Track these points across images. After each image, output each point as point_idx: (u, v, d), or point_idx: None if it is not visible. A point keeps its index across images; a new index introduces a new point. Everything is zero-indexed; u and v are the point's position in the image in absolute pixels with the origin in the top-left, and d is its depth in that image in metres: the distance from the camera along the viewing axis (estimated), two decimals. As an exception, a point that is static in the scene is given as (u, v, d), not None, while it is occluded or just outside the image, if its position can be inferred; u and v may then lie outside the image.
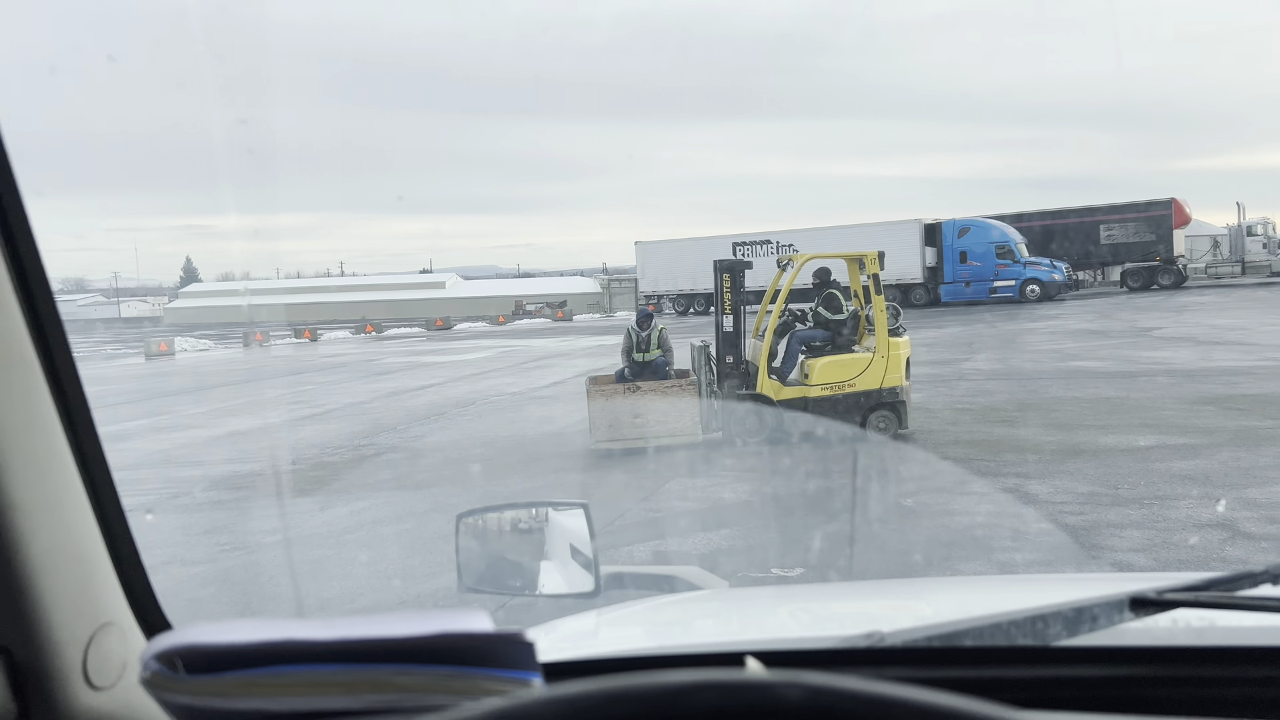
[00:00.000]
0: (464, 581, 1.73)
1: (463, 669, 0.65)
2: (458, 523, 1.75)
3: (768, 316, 11.24)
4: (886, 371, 10.54)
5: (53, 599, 0.87)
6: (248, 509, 9.11)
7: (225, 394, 20.06)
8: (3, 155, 0.85)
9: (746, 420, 10.56)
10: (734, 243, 43.07)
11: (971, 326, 27.09)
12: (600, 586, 1.65)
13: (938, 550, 6.55)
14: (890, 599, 1.65)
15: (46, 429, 0.91)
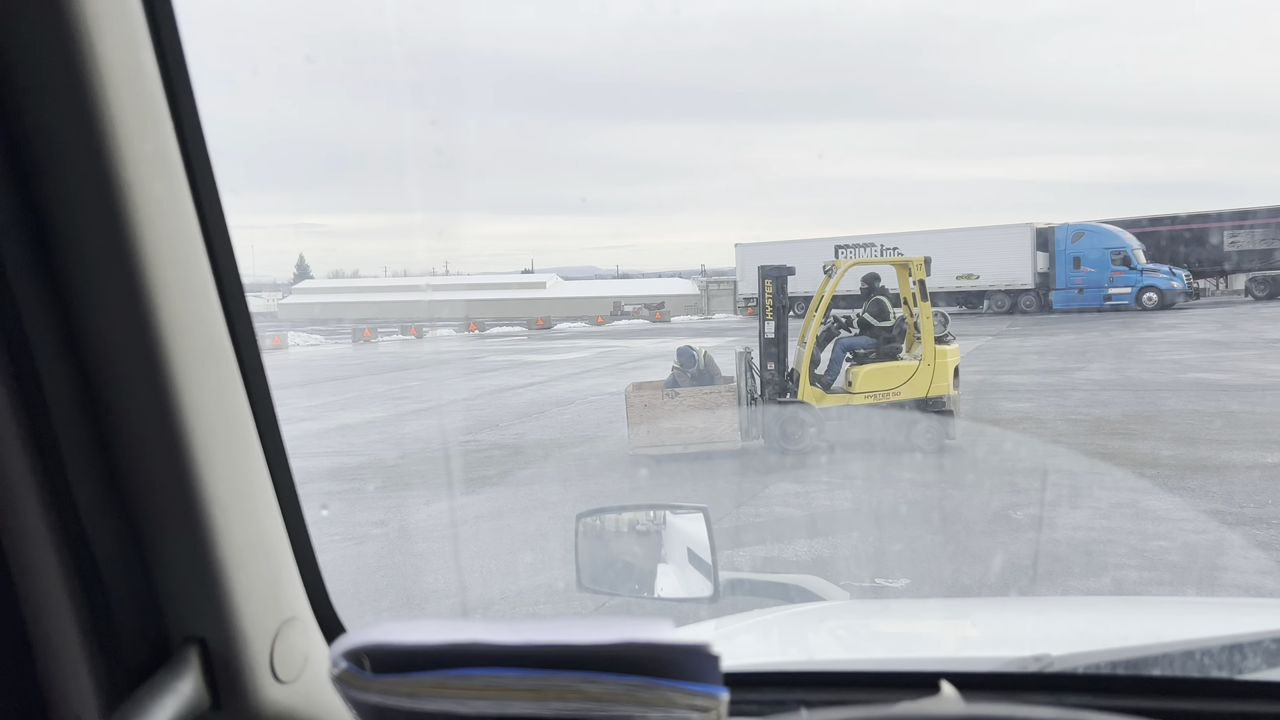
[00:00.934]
0: (582, 581, 1.74)
1: (651, 680, 0.64)
2: (577, 522, 1.76)
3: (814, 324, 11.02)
4: (933, 380, 10.27)
5: (245, 592, 0.90)
6: (357, 501, 9.35)
7: (335, 388, 20.64)
8: (205, 154, 0.87)
9: (787, 428, 10.36)
10: (836, 245, 42.56)
11: (1085, 335, 26.21)
12: (719, 592, 1.63)
13: (1053, 565, 6.35)
14: (1037, 618, 1.58)
15: (243, 427, 0.94)
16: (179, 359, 0.83)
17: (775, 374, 10.54)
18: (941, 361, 10.36)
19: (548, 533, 7.90)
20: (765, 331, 10.63)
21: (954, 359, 10.69)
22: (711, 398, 10.41)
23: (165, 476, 0.85)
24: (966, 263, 38.95)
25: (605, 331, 41.55)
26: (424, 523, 8.39)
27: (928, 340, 10.43)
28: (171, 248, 0.82)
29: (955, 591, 5.94)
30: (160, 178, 0.82)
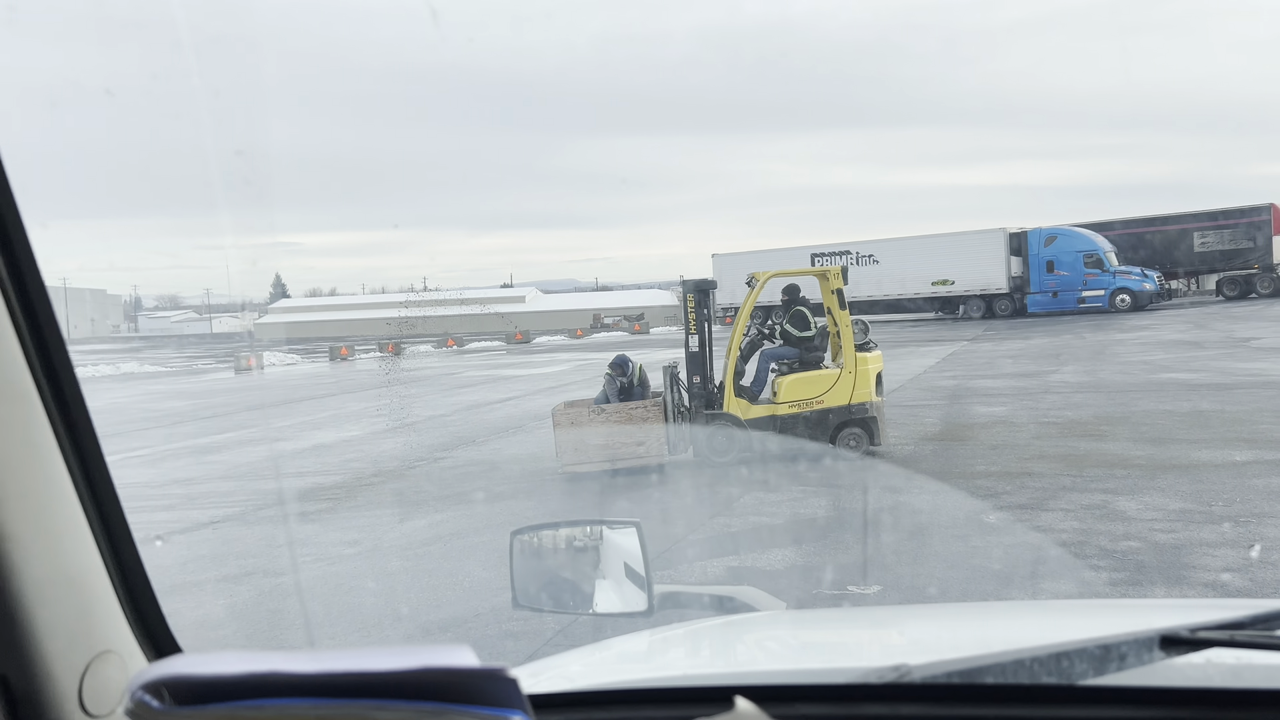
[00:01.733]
0: (518, 599, 1.73)
1: (443, 705, 0.65)
2: (512, 540, 1.75)
3: (744, 336, 11.12)
4: (855, 387, 10.43)
5: (49, 627, 0.88)
6: (329, 521, 9.29)
7: (310, 407, 20.54)
8: (1, 174, 0.86)
9: (714, 440, 10.46)
10: (812, 254, 42.78)
11: (1059, 337, 26.41)
12: (654, 606, 1.63)
13: (1024, 569, 6.38)
14: (928, 625, 1.58)
15: (44, 459, 0.91)
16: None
17: (701, 387, 10.59)
18: (863, 369, 10.50)
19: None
20: (690, 345, 10.68)
21: (876, 366, 10.84)
22: (638, 413, 10.46)
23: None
24: (942, 268, 39.23)
25: (585, 344, 41.52)
26: (398, 541, 8.34)
27: (848, 349, 10.58)
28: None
29: (929, 596, 5.95)
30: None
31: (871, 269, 41.14)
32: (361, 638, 5.89)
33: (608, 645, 1.56)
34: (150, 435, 17.14)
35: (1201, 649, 1.04)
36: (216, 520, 9.66)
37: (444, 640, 0.63)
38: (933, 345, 26.79)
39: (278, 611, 6.73)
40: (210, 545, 8.64)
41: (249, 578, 7.52)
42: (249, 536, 8.90)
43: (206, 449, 14.92)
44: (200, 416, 20.31)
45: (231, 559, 8.11)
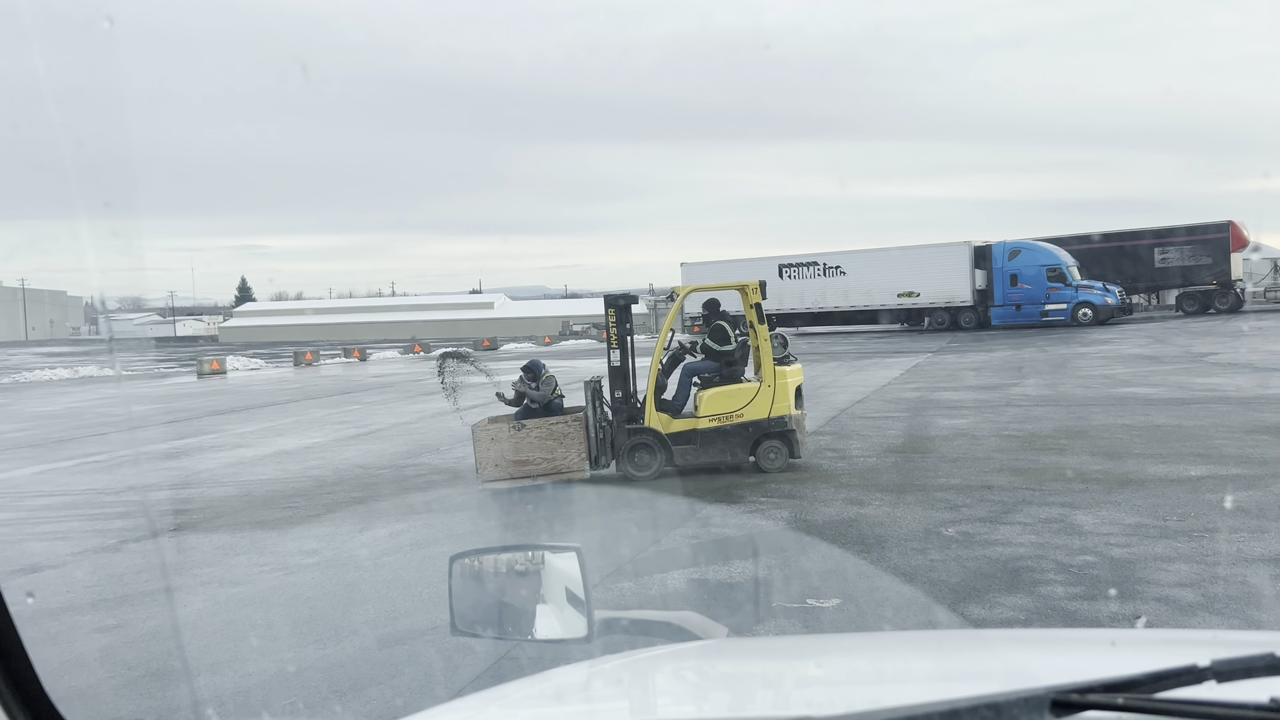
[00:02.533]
0: (456, 625, 1.71)
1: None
2: (451, 565, 1.74)
3: (666, 351, 11.13)
4: (774, 401, 10.52)
5: None
6: (289, 530, 9.19)
7: (273, 413, 20.33)
8: None
9: (636, 455, 10.49)
10: (780, 264, 43.01)
11: (1021, 350, 26.69)
12: (594, 631, 1.62)
13: (981, 582, 6.42)
14: (846, 661, 1.56)
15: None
16: None
17: (623, 401, 10.61)
18: (782, 383, 10.58)
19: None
20: (611, 359, 10.69)
21: (795, 379, 10.93)
22: (559, 428, 10.45)
23: None
24: (907, 280, 39.55)
25: (553, 352, 41.41)
26: (357, 551, 8.27)
27: (766, 363, 10.66)
28: None
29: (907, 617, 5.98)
30: None
31: (838, 280, 41.41)
32: (318, 649, 5.83)
33: (535, 682, 1.54)
34: (107, 441, 16.89)
35: (1089, 710, 1.04)
36: (174, 529, 9.54)
37: None
38: (898, 357, 26.98)
39: (234, 621, 6.65)
40: (165, 554, 8.52)
41: (201, 588, 7.43)
42: (205, 545, 8.78)
43: (166, 454, 14.73)
44: (158, 422, 20.04)
45: (186, 569, 8.01)
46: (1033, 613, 5.79)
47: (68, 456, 14.98)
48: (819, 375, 22.46)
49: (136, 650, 6.05)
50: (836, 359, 27.45)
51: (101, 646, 6.08)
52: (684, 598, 6.48)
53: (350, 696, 5.16)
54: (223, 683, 5.40)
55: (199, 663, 5.78)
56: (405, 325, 72.54)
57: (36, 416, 22.44)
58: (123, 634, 6.33)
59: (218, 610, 6.88)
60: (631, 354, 10.76)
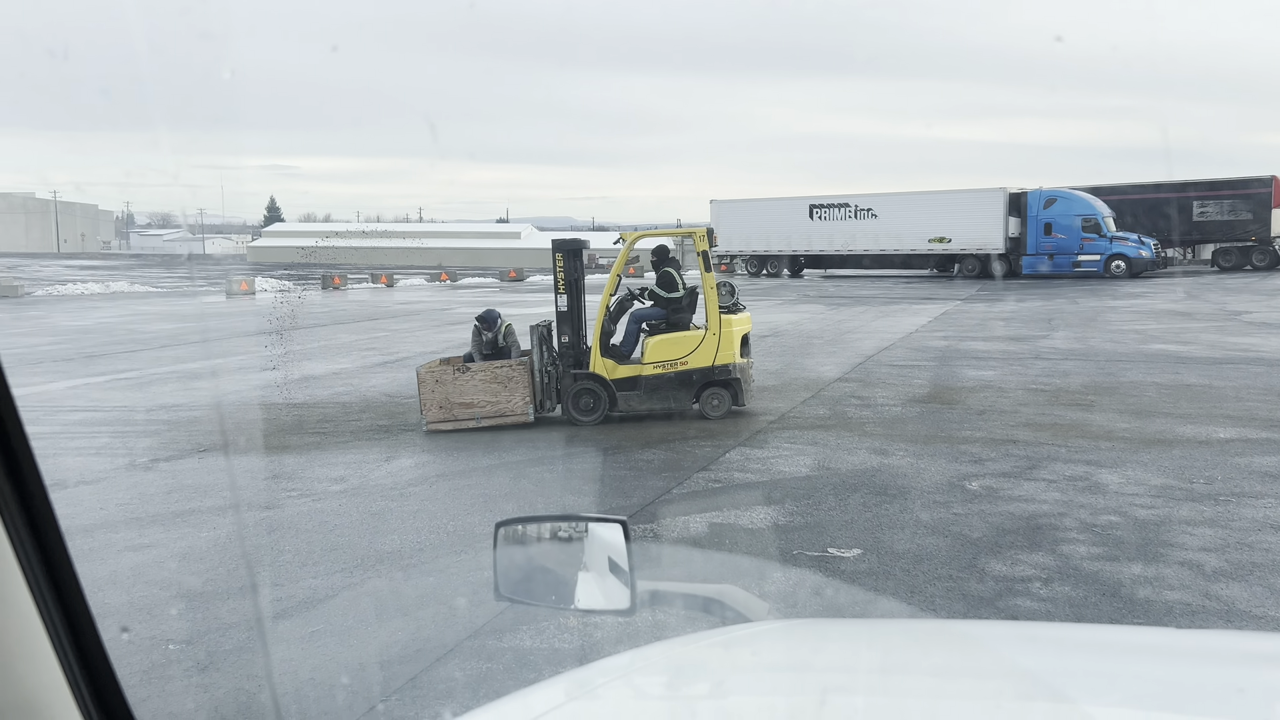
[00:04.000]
0: (500, 590, 1.73)
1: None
2: (496, 530, 1.75)
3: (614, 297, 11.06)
4: (719, 349, 10.52)
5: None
6: (316, 455, 9.31)
7: (301, 336, 20.48)
8: None
9: (580, 400, 10.52)
10: (810, 204, 42.59)
11: (1052, 301, 26.42)
12: (636, 604, 1.62)
13: (1003, 539, 6.43)
14: (896, 656, 1.51)
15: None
16: None
17: (570, 346, 10.64)
18: (727, 330, 10.57)
19: (507, 493, 7.92)
20: (559, 304, 10.72)
21: (742, 328, 10.91)
22: (504, 372, 10.47)
23: None
24: (939, 226, 39.08)
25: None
26: (383, 480, 8.37)
27: (712, 310, 10.63)
28: None
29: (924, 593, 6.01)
30: None
31: (869, 223, 40.97)
32: (344, 577, 5.94)
33: (587, 677, 1.51)
34: (137, 358, 17.09)
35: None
36: (201, 450, 9.68)
37: None
38: (926, 304, 26.78)
39: (261, 546, 6.77)
40: (194, 476, 8.66)
41: (229, 510, 7.55)
42: (233, 467, 8.92)
43: (195, 374, 14.90)
44: (187, 341, 20.24)
45: (214, 491, 8.14)
46: (1054, 572, 5.81)
47: (99, 372, 15.17)
48: (846, 320, 22.35)
49: (166, 570, 6.17)
50: (864, 303, 27.29)
51: (133, 565, 6.21)
52: (706, 545, 6.53)
53: (375, 626, 5.26)
54: (249, 608, 5.52)
55: (227, 586, 5.90)
56: (432, 252, 72.60)
57: (69, 331, 22.72)
58: (153, 554, 6.46)
59: (245, 534, 7.01)
60: (582, 299, 10.80)
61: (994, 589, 5.56)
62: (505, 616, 5.11)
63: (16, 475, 0.77)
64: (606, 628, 4.89)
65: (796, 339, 18.47)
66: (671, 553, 6.45)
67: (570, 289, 10.66)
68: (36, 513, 0.79)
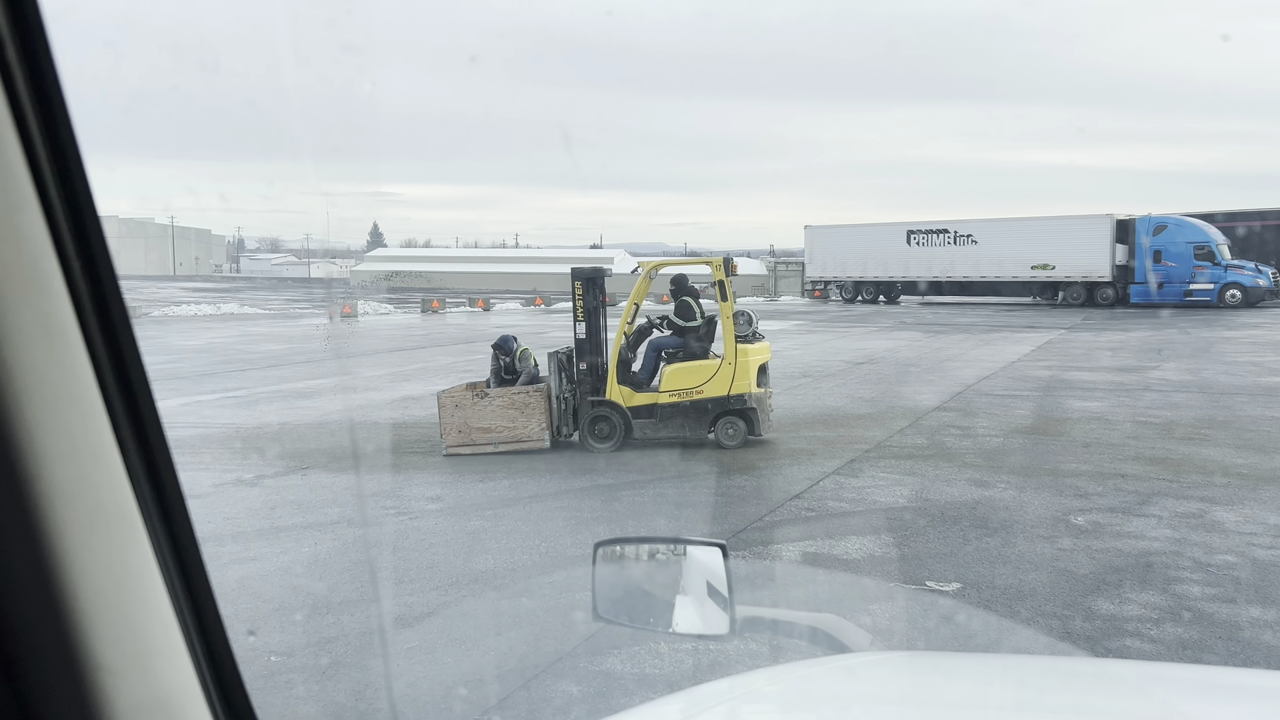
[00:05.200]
0: (598, 610, 1.72)
1: None
2: (595, 551, 1.74)
3: (630, 325, 11.00)
4: (735, 378, 10.41)
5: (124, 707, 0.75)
6: (413, 475, 9.48)
7: (399, 359, 20.94)
8: (65, 114, 0.75)
9: (596, 427, 10.48)
10: (908, 230, 42.00)
11: (1162, 331, 25.49)
12: (735, 629, 1.60)
13: (1111, 576, 6.19)
14: (1031, 693, 1.44)
15: (114, 498, 0.77)
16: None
17: (588, 373, 10.63)
18: (744, 360, 10.47)
19: (597, 516, 7.94)
20: (577, 331, 10.75)
21: (759, 358, 10.76)
22: (521, 398, 10.50)
23: None
24: (1042, 252, 38.13)
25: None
26: (478, 499, 8.47)
27: (729, 340, 10.56)
28: None
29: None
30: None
31: (969, 249, 40.19)
32: (439, 595, 6.01)
33: (695, 701, 1.48)
34: (246, 377, 17.69)
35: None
36: (305, 468, 9.94)
37: None
38: (1028, 332, 26.10)
39: (360, 562, 6.90)
40: (296, 492, 8.89)
41: (331, 527, 7.73)
42: (334, 484, 9.13)
43: (300, 393, 15.34)
44: (293, 361, 20.87)
45: (316, 507, 8.34)
46: (1166, 612, 5.56)
47: (210, 390, 15.73)
48: (945, 347, 21.90)
49: (270, 584, 6.34)
50: (964, 331, 26.72)
51: (238, 577, 6.39)
52: (799, 574, 6.43)
53: (469, 645, 5.31)
54: (348, 623, 5.62)
55: (327, 600, 6.02)
56: (527, 277, 73.61)
57: (183, 350, 23.64)
58: (257, 567, 6.64)
59: (345, 550, 7.16)
60: (602, 327, 10.84)
61: (1101, 628, 5.35)
62: (599, 638, 5.10)
63: (157, 481, 0.81)
64: (698, 652, 4.85)
65: (892, 366, 18.17)
66: (764, 579, 6.37)
67: (589, 317, 10.78)
68: (174, 519, 0.82)
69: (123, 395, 0.80)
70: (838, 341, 23.85)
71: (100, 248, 0.80)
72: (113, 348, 0.80)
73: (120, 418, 0.79)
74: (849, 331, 27.07)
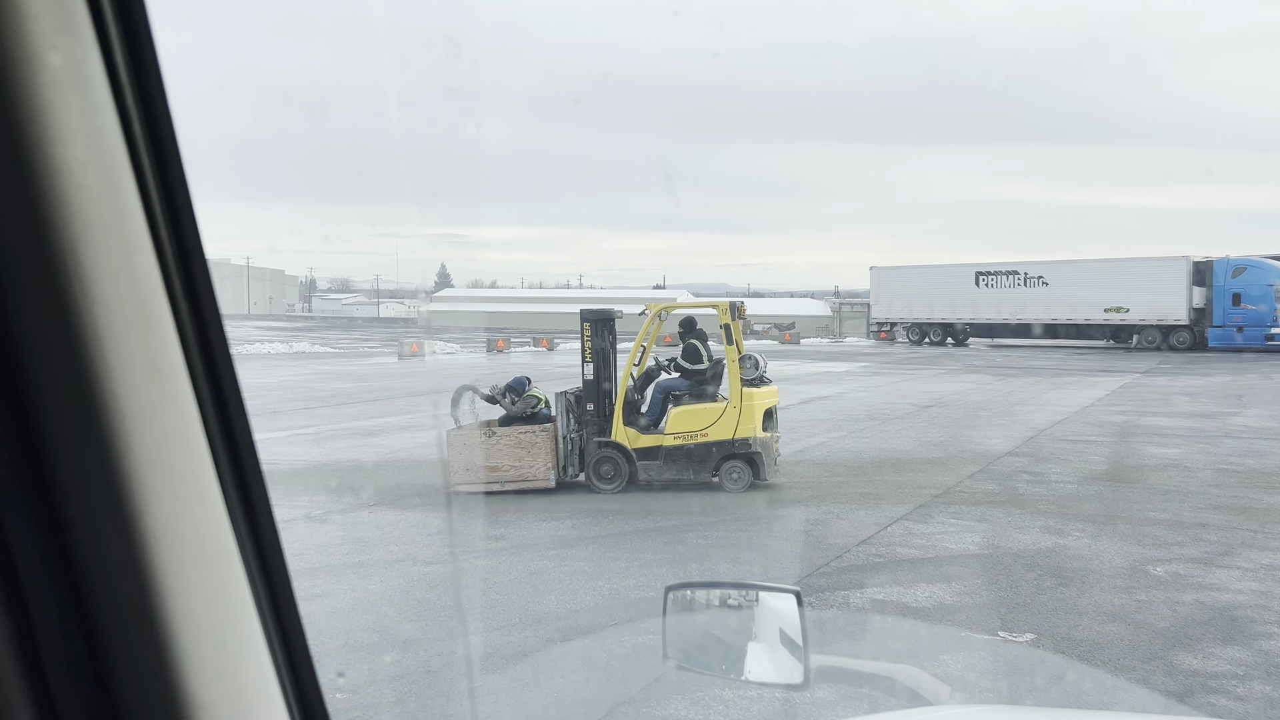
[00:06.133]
0: (668, 655, 1.69)
1: None
2: (666, 595, 1.72)
3: (637, 367, 10.95)
4: (740, 422, 10.31)
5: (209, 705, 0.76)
6: (478, 512, 9.53)
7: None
8: (178, 158, 0.78)
9: (601, 468, 10.43)
10: (977, 272, 41.45)
11: (1243, 376, 24.73)
12: (810, 679, 1.56)
13: (1193, 630, 5.97)
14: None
15: (205, 505, 0.78)
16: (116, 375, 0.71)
17: (595, 414, 10.62)
18: (749, 404, 10.38)
19: (668, 558, 7.88)
20: (585, 372, 10.77)
21: (766, 402, 10.60)
22: (528, 437, 10.46)
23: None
24: (1116, 295, 37.35)
25: (734, 351, 41.31)
26: (541, 538, 8.48)
27: (734, 383, 10.49)
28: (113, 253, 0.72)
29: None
30: (94, 167, 0.72)
31: (1040, 291, 39.54)
32: (502, 635, 6.00)
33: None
34: (315, 415, 18.00)
35: None
36: (371, 504, 10.05)
37: None
38: (1102, 376, 25.51)
39: (425, 600, 6.94)
40: (364, 529, 8.99)
41: (395, 565, 7.79)
42: (400, 521, 9.21)
43: (368, 431, 15.55)
44: (362, 400, 21.20)
45: (383, 544, 8.42)
46: (1252, 668, 5.34)
47: (280, 428, 16.03)
48: (1015, 391, 21.49)
49: (336, 620, 6.39)
50: (1035, 374, 26.21)
51: (305, 613, 6.44)
52: (868, 620, 6.31)
53: (532, 688, 5.28)
54: (411, 660, 5.64)
55: (391, 638, 6.05)
56: (592, 317, 73.96)
57: (255, 388, 24.16)
58: (324, 603, 6.71)
59: (410, 587, 7.19)
60: (610, 368, 10.87)
61: (1184, 684, 5.15)
62: (661, 683, 5.05)
63: (254, 520, 0.84)
64: (763, 700, 4.77)
65: (962, 410, 17.86)
66: (830, 626, 6.26)
67: (597, 358, 10.81)
68: (269, 557, 0.85)
69: (224, 434, 0.82)
70: (905, 384, 23.53)
71: (206, 288, 0.82)
72: (215, 387, 0.82)
73: (221, 456, 0.81)
74: (916, 374, 26.70)
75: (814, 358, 35.12)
